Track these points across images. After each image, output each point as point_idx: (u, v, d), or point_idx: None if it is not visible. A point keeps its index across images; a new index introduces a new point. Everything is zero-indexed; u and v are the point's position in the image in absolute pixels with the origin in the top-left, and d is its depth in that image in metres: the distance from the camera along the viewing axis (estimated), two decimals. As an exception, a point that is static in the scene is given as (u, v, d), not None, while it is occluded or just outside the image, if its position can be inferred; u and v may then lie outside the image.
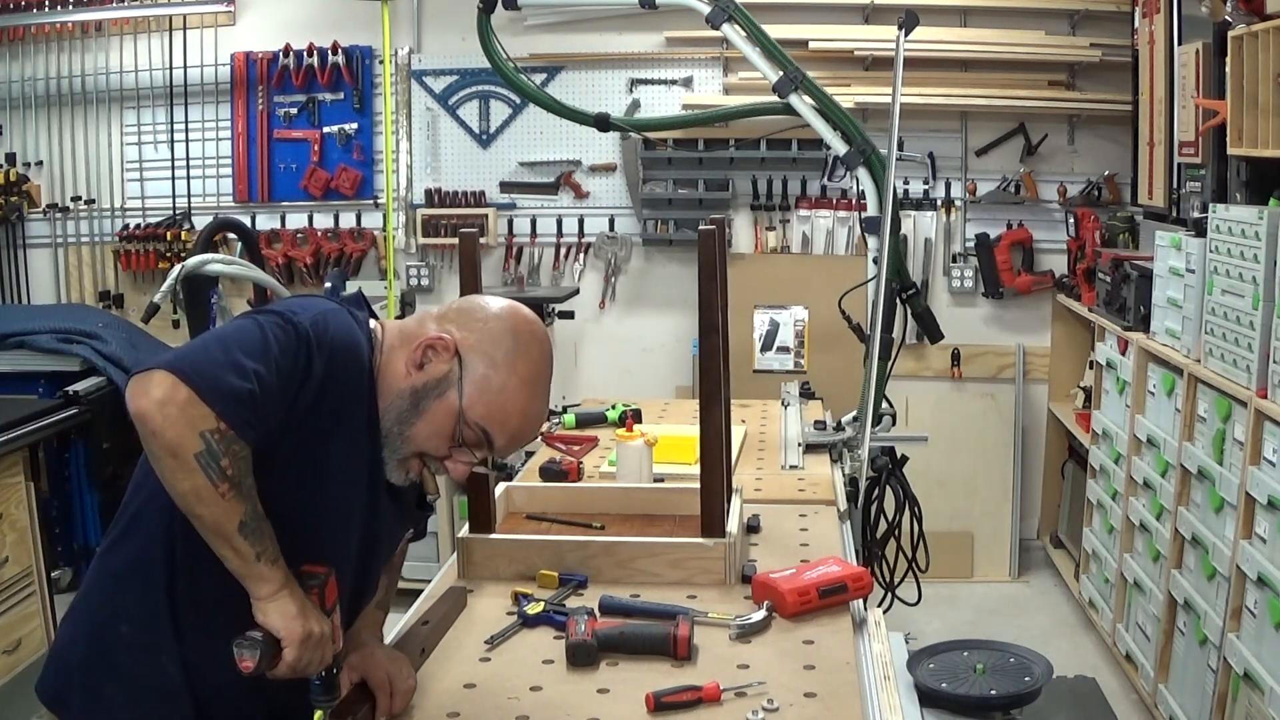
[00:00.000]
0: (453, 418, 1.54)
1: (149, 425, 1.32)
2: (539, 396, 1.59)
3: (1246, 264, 2.94)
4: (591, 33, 4.89)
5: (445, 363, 1.54)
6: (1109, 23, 4.61)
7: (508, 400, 1.55)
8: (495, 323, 1.58)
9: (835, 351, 4.59)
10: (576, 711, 1.63)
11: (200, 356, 1.37)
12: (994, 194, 4.79)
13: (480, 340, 1.56)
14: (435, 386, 1.54)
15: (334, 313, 1.53)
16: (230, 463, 1.35)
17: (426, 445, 1.56)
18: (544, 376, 1.60)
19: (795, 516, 2.50)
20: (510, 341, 1.56)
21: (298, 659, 1.43)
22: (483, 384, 1.54)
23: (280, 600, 1.42)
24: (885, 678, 1.78)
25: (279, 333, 1.42)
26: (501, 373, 1.55)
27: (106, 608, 1.57)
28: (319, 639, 1.45)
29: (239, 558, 1.40)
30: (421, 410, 1.54)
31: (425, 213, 5.01)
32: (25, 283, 5.21)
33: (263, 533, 1.41)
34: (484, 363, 1.55)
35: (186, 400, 1.32)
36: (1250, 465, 2.83)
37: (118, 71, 5.06)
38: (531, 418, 1.59)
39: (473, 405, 1.53)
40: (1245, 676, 2.80)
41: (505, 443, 1.58)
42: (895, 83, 2.88)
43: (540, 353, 1.59)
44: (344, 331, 1.51)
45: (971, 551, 4.84)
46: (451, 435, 1.55)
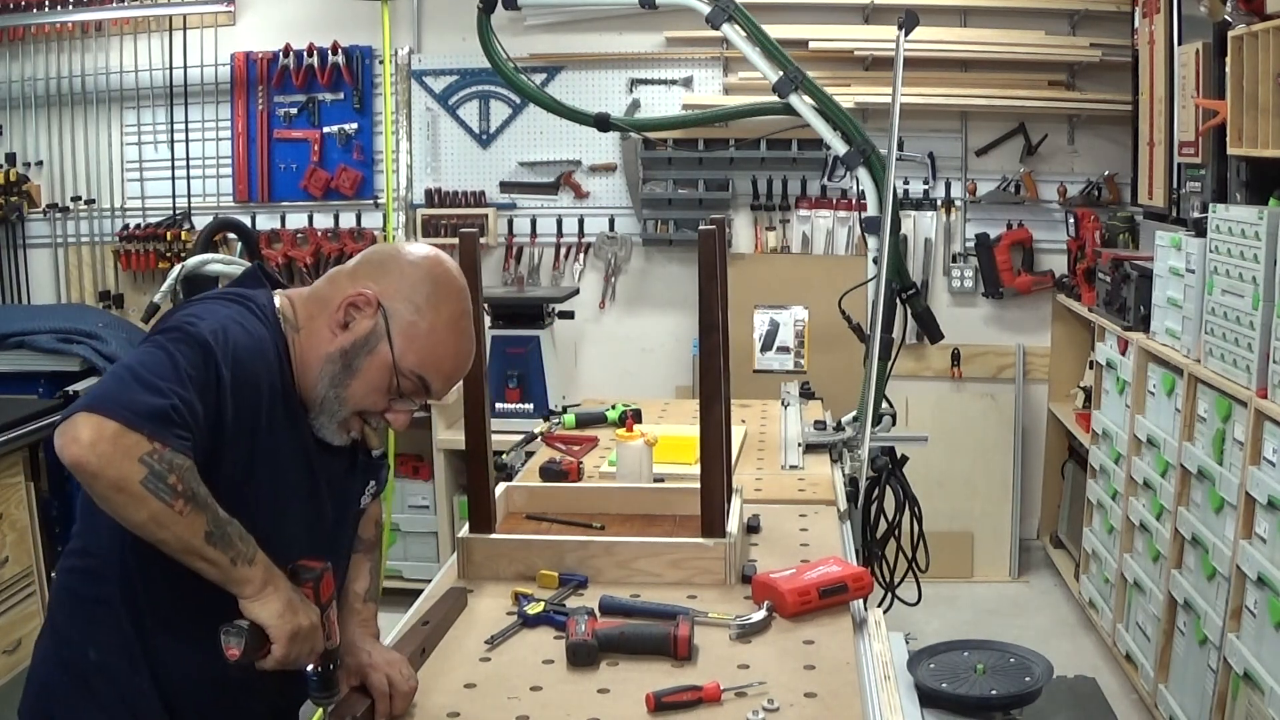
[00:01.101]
0: (387, 371, 1.55)
1: (87, 469, 1.32)
2: (466, 334, 1.61)
3: (1246, 264, 2.94)
4: (591, 33, 4.89)
5: (369, 318, 1.55)
6: (1109, 23, 4.61)
7: (438, 343, 1.57)
8: (411, 269, 1.58)
9: (835, 351, 4.59)
10: (576, 711, 1.63)
11: (114, 390, 1.36)
12: (994, 194, 4.79)
13: (399, 288, 1.56)
14: (364, 343, 1.54)
15: (233, 315, 1.52)
16: (177, 478, 1.35)
17: (365, 403, 1.57)
18: (467, 313, 1.62)
19: (795, 516, 2.50)
20: (429, 285, 1.58)
21: (286, 653, 1.43)
22: (410, 331, 1.55)
23: (266, 597, 1.42)
24: (885, 678, 1.78)
25: (182, 348, 1.42)
26: (427, 317, 1.56)
27: (74, 633, 1.56)
28: (308, 632, 1.45)
29: (215, 567, 1.40)
30: (355, 369, 1.55)
31: (425, 213, 5.01)
32: (25, 283, 5.21)
33: (231, 536, 1.41)
34: (408, 310, 1.55)
35: (115, 433, 1.32)
36: (1250, 465, 2.83)
37: (118, 71, 5.06)
38: (463, 356, 1.61)
39: (405, 354, 1.55)
40: (1245, 676, 2.80)
41: (441, 385, 1.60)
42: (895, 83, 2.88)
43: (460, 290, 1.61)
44: (245, 334, 1.50)
45: (971, 551, 4.84)
46: (388, 388, 1.56)
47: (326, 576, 1.51)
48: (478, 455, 2.14)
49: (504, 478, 2.74)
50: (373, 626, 1.75)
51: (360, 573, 1.80)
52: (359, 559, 1.81)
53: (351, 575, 1.79)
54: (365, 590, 1.79)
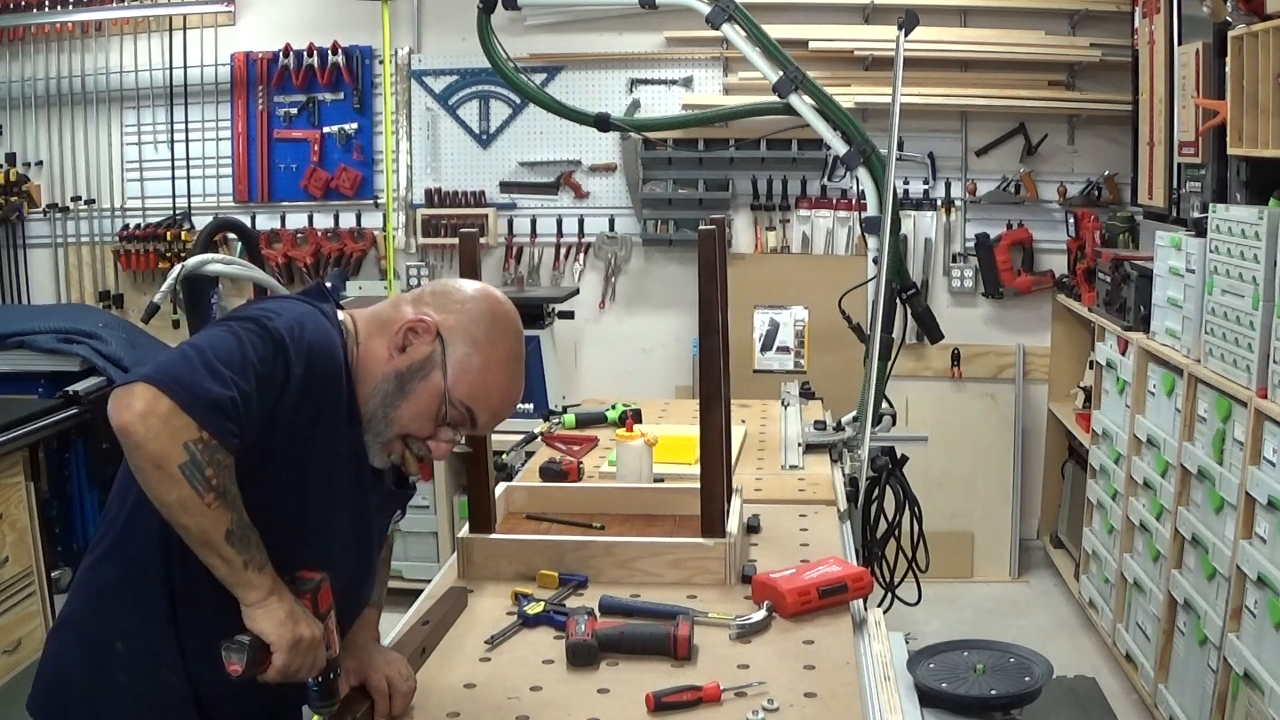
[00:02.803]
0: (438, 398, 1.56)
1: (132, 438, 1.33)
2: (518, 375, 1.64)
3: (1246, 264, 2.94)
4: (591, 33, 4.89)
5: (427, 344, 1.57)
6: (1109, 23, 4.61)
7: (490, 378, 1.59)
8: (473, 304, 1.61)
9: (835, 351, 4.59)
10: (576, 711, 1.63)
11: (179, 368, 1.37)
12: (994, 194, 4.79)
13: (460, 321, 1.59)
14: (419, 368, 1.56)
15: (309, 315, 1.54)
16: (215, 472, 1.36)
17: (411, 426, 1.58)
18: (520, 355, 1.65)
19: (795, 516, 2.50)
20: (489, 322, 1.60)
21: (287, 664, 1.43)
22: (465, 363, 1.57)
23: (269, 606, 1.43)
24: (885, 678, 1.78)
25: (255, 340, 1.43)
26: (483, 352, 1.58)
27: (99, 626, 1.56)
28: (309, 644, 1.45)
29: (227, 566, 1.40)
30: (407, 392, 1.56)
31: (425, 213, 5.01)
32: (25, 283, 5.21)
33: (249, 540, 1.41)
34: (465, 343, 1.57)
35: (168, 412, 1.33)
36: (1250, 465, 2.83)
37: (118, 71, 5.07)
38: (512, 395, 1.64)
39: (457, 384, 1.56)
40: (1245, 676, 2.80)
41: (488, 420, 1.62)
42: (895, 83, 2.88)
43: (516, 332, 1.64)
44: (320, 333, 1.52)
45: (971, 551, 4.84)
46: (436, 415, 1.58)
47: (324, 587, 1.51)
48: (478, 455, 2.15)
49: (504, 478, 2.74)
50: (373, 629, 1.76)
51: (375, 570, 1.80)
52: None
53: None
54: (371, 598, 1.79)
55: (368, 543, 1.70)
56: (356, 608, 1.72)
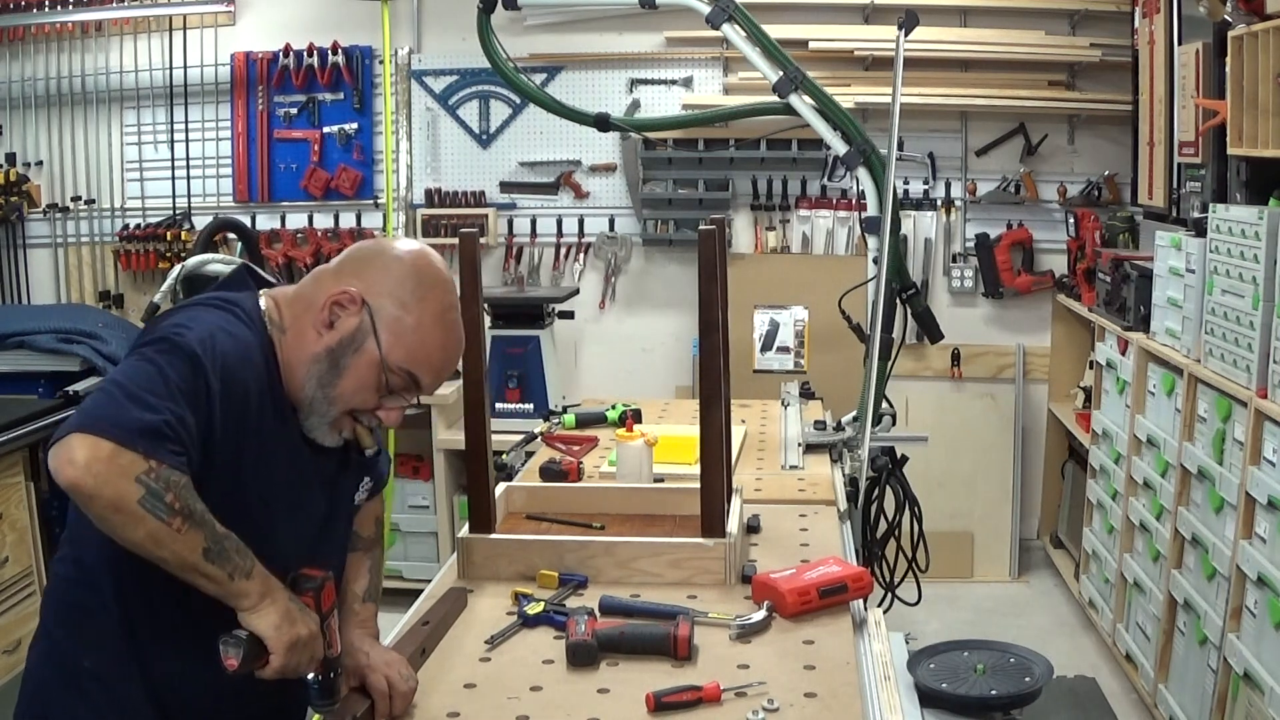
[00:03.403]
0: (376, 368, 1.54)
1: (84, 491, 1.31)
2: (454, 327, 1.60)
3: (1246, 264, 2.94)
4: (591, 33, 4.88)
5: (355, 315, 1.53)
6: (1109, 23, 4.61)
7: (426, 337, 1.55)
8: (395, 264, 1.57)
9: (835, 351, 4.59)
10: (576, 711, 1.63)
11: (106, 408, 1.35)
12: (994, 194, 4.79)
13: (384, 284, 1.55)
14: (351, 342, 1.53)
15: (220, 322, 1.51)
16: (174, 496, 1.34)
17: (354, 401, 1.56)
18: (454, 306, 1.61)
19: (795, 516, 2.50)
20: (414, 279, 1.56)
21: (284, 663, 1.43)
22: (397, 327, 1.54)
23: (264, 610, 1.42)
24: (885, 678, 1.77)
25: (171, 360, 1.41)
26: (413, 312, 1.54)
27: (68, 640, 1.56)
28: (306, 641, 1.45)
29: (213, 583, 1.40)
30: (342, 368, 1.54)
31: (425, 213, 5.01)
32: (25, 283, 5.21)
33: (229, 551, 1.40)
34: (394, 305, 1.54)
35: (111, 453, 1.31)
36: (1250, 465, 2.83)
37: (118, 71, 5.06)
38: (452, 349, 1.60)
39: (392, 350, 1.53)
40: (1245, 676, 2.80)
41: (431, 380, 1.59)
42: (895, 83, 2.88)
43: (444, 284, 1.60)
44: (232, 341, 1.50)
45: (971, 551, 4.84)
46: (378, 386, 1.55)
47: (328, 586, 1.51)
48: (478, 455, 2.14)
49: (504, 478, 2.73)
50: (372, 627, 1.74)
51: (359, 572, 1.79)
52: (358, 558, 1.80)
53: (350, 575, 1.78)
54: (364, 590, 1.78)
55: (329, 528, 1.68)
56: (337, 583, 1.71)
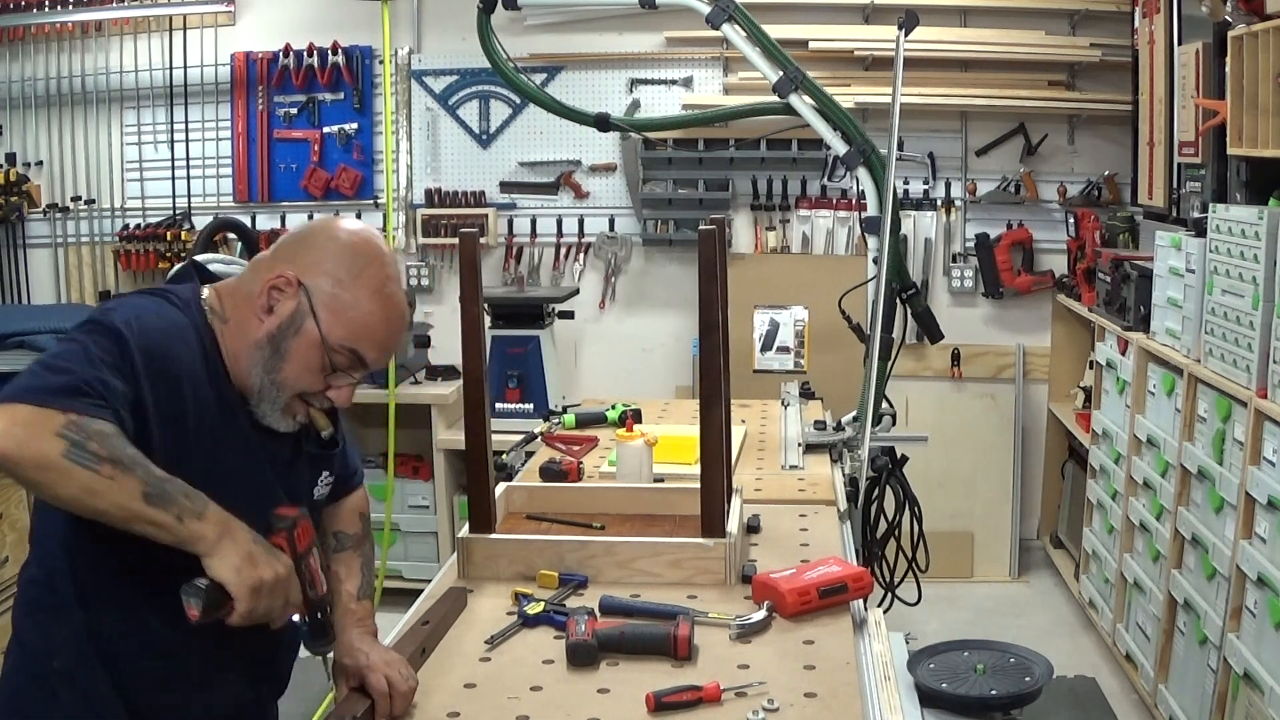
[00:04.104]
0: (317, 348, 1.53)
1: (8, 458, 1.30)
2: (394, 299, 1.59)
3: (1246, 264, 2.94)
4: (591, 33, 4.89)
5: (292, 298, 1.53)
6: (1109, 23, 4.61)
7: (365, 312, 1.55)
8: (328, 243, 1.57)
9: (835, 351, 4.59)
10: (576, 711, 1.63)
11: (23, 381, 1.36)
12: (994, 194, 4.79)
13: (318, 263, 1.55)
14: (290, 325, 1.53)
15: (151, 306, 1.52)
16: (99, 444, 1.32)
17: (301, 384, 1.55)
18: (393, 277, 1.60)
19: (795, 516, 2.50)
20: (349, 255, 1.56)
21: (250, 609, 1.38)
22: (334, 305, 1.53)
23: (223, 553, 1.37)
24: (885, 678, 1.77)
25: (94, 337, 1.42)
26: (350, 288, 1.54)
27: (37, 641, 1.55)
28: (273, 584, 1.40)
29: (162, 529, 1.36)
30: (284, 352, 1.53)
31: (425, 213, 5.01)
32: (25, 283, 5.21)
33: (172, 494, 1.36)
34: (329, 284, 1.54)
35: (27, 415, 1.31)
36: (1250, 465, 2.83)
37: (118, 71, 5.07)
38: (393, 321, 1.59)
39: (332, 329, 1.53)
40: (1245, 676, 2.80)
41: (376, 354, 1.58)
42: (895, 83, 2.88)
43: (379, 256, 1.59)
44: (157, 319, 1.49)
45: (971, 551, 4.84)
46: (322, 366, 1.55)
47: (302, 524, 1.47)
48: (478, 455, 2.14)
49: (504, 478, 2.74)
50: (369, 624, 1.73)
51: (351, 570, 1.78)
52: (348, 556, 1.80)
53: (342, 574, 1.77)
54: (358, 588, 1.76)
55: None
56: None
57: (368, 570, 1.82)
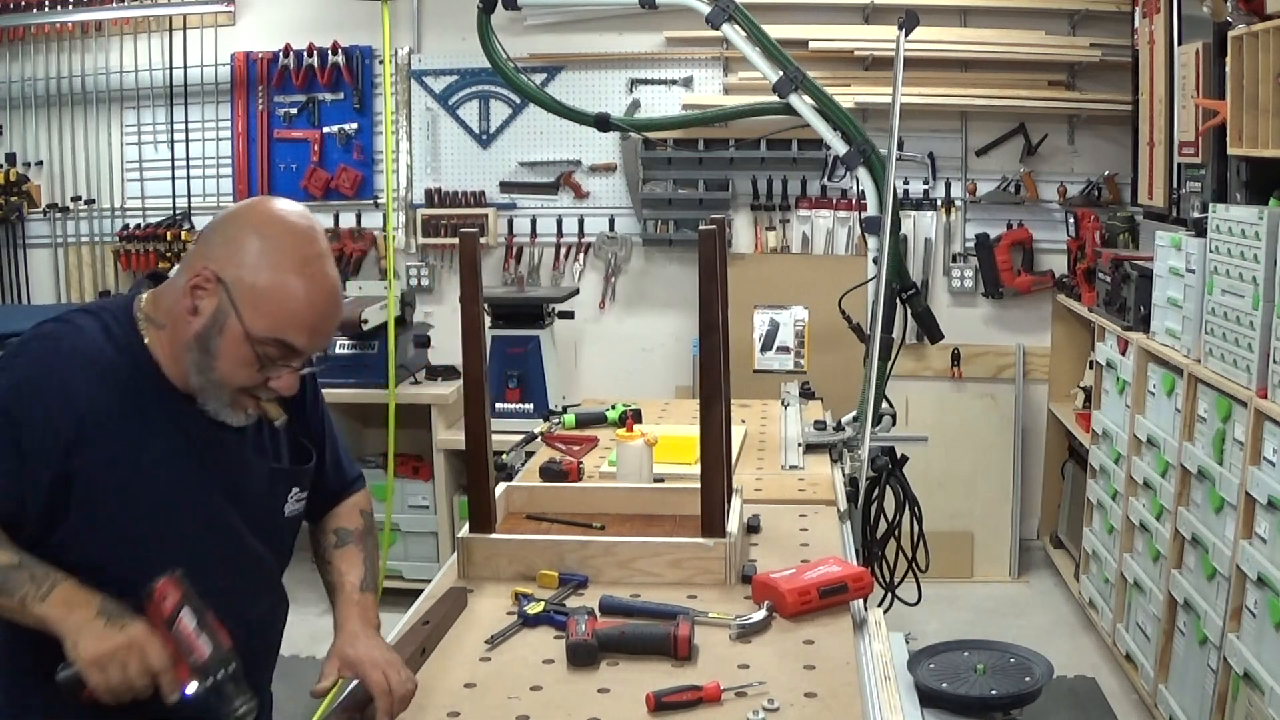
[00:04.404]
0: (244, 344, 1.49)
1: None
2: (316, 278, 1.51)
3: (1246, 264, 2.94)
4: (591, 33, 4.89)
5: (213, 295, 1.49)
6: (1109, 23, 4.61)
7: (286, 298, 1.49)
8: (236, 231, 1.51)
9: (835, 351, 4.59)
10: (577, 711, 1.63)
11: None
12: (994, 194, 4.79)
13: (234, 255, 1.49)
14: (214, 323, 1.49)
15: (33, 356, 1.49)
16: None
17: (237, 380, 1.52)
18: (316, 255, 1.52)
19: (795, 516, 2.50)
20: (257, 241, 1.50)
21: (103, 682, 1.35)
22: (253, 297, 1.48)
23: (68, 630, 1.36)
24: (885, 678, 1.77)
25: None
26: (265, 276, 1.48)
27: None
28: (114, 653, 1.35)
29: (13, 614, 1.37)
30: (214, 351, 1.50)
31: (425, 213, 5.01)
32: (25, 283, 5.21)
33: (14, 580, 1.37)
34: (246, 273, 1.48)
35: None
36: (1250, 465, 2.83)
37: (118, 71, 5.07)
38: (319, 302, 1.51)
39: (254, 322, 1.48)
40: (1245, 676, 2.80)
41: (307, 340, 1.53)
42: (895, 83, 2.88)
43: (297, 234, 1.52)
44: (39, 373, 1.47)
45: (971, 551, 4.84)
46: (254, 360, 1.50)
47: (160, 586, 1.41)
48: (478, 455, 2.14)
49: (504, 478, 2.73)
50: (372, 617, 1.73)
51: (354, 563, 1.79)
52: (350, 550, 1.81)
53: (344, 568, 1.78)
54: (361, 579, 1.77)
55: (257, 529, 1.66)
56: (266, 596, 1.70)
57: (371, 563, 1.82)
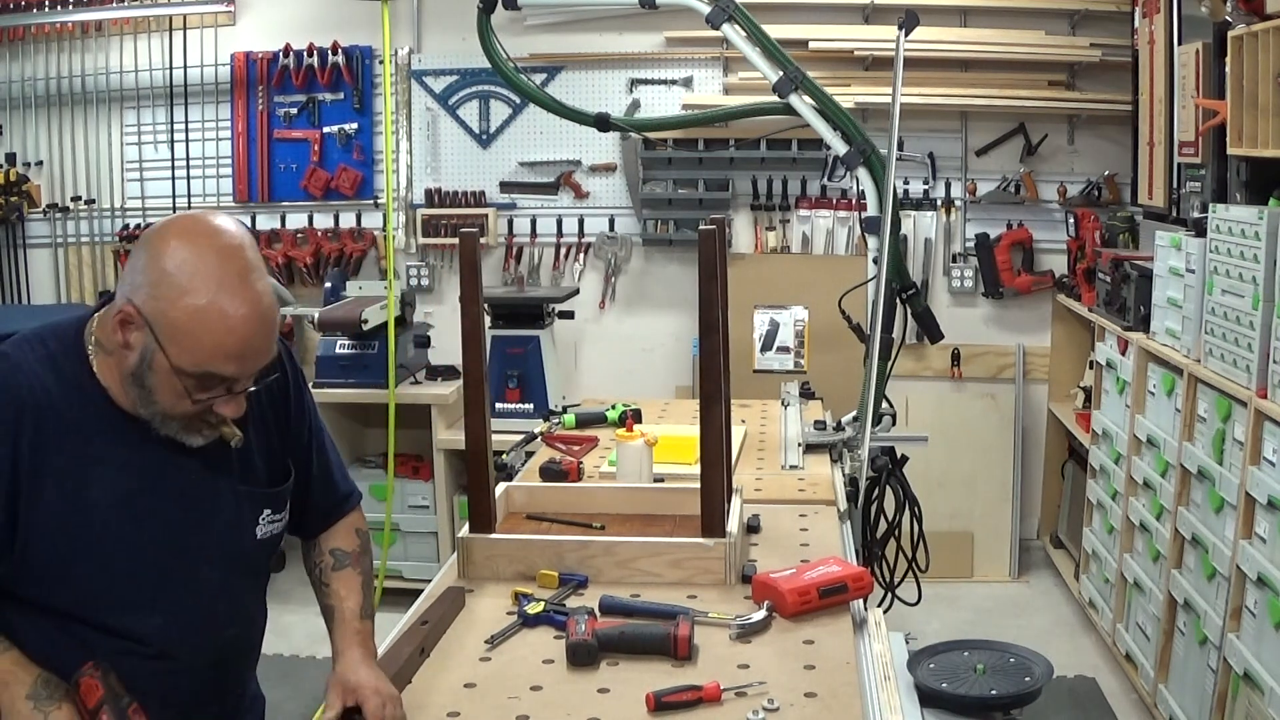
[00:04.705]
0: (174, 377, 1.44)
1: None
2: (236, 302, 1.43)
3: (1246, 264, 2.94)
4: (591, 33, 4.89)
5: (139, 329, 1.44)
6: (1109, 23, 4.61)
7: (205, 330, 1.42)
8: (151, 258, 1.44)
9: (835, 351, 4.59)
10: (577, 711, 1.63)
11: None
12: (994, 194, 4.79)
13: (150, 289, 1.43)
14: (143, 359, 1.45)
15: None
16: None
17: (180, 410, 1.48)
18: (230, 278, 1.43)
19: (795, 516, 2.50)
20: (172, 269, 1.42)
21: None
22: (173, 333, 1.42)
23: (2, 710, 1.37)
24: (885, 678, 1.78)
25: None
26: (181, 307, 1.41)
27: None
28: None
29: None
30: (149, 387, 1.46)
31: (425, 213, 5.01)
32: (25, 283, 5.21)
33: None
34: (163, 307, 1.42)
35: None
36: (1250, 465, 2.83)
37: (118, 71, 5.07)
38: (240, 329, 1.43)
39: (179, 357, 1.43)
40: (1245, 676, 2.80)
41: (235, 368, 1.47)
42: (895, 83, 2.88)
43: (210, 258, 1.43)
44: None
45: (971, 551, 4.84)
46: (188, 392, 1.45)
47: (83, 683, 1.41)
48: (478, 455, 2.14)
49: (504, 478, 2.74)
50: (371, 646, 1.70)
51: (352, 588, 1.76)
52: (347, 575, 1.78)
53: (344, 592, 1.75)
54: (360, 606, 1.74)
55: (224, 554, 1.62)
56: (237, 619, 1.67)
57: (368, 589, 1.80)
